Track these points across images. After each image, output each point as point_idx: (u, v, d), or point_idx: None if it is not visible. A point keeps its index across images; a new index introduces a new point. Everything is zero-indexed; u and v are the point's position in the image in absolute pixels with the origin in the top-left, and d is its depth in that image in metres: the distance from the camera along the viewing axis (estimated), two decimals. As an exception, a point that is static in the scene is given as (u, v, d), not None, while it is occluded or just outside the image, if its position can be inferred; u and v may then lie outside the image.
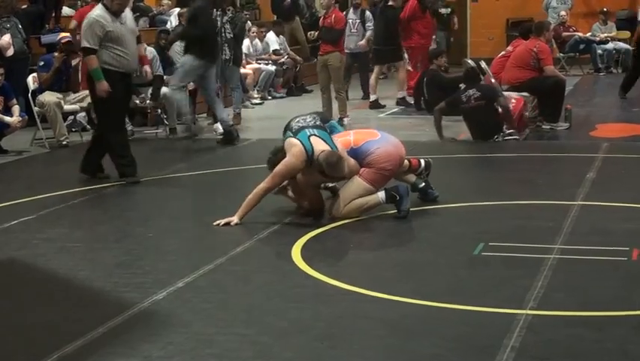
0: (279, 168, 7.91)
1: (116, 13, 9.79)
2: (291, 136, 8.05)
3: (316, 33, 15.44)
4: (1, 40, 13.45)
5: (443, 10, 21.41)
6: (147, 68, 10.70)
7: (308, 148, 7.89)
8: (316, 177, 8.07)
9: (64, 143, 12.47)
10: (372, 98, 16.51)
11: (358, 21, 16.68)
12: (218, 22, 13.98)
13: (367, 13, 17.11)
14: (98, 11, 9.87)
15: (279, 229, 7.82)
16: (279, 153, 8.11)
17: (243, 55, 15.89)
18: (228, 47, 13.98)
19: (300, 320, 5.63)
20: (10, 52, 13.44)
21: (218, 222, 7.89)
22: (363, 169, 8.13)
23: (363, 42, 16.74)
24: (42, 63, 13.00)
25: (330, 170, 7.81)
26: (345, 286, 6.20)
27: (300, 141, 7.91)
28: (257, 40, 18.59)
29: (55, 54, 12.86)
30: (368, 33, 16.71)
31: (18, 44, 13.61)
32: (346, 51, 15.41)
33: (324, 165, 7.78)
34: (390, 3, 16.52)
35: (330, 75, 14.16)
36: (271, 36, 18.95)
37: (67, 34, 13.49)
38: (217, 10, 14.22)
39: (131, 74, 10.14)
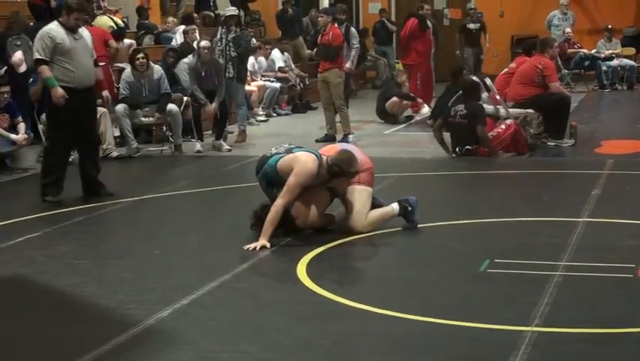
0: (293, 179, 7.78)
1: (71, 29, 9.82)
2: (282, 155, 8.02)
3: (313, 51, 15.52)
4: (13, 57, 13.53)
5: (472, 26, 21.33)
6: (106, 93, 10.52)
7: (315, 154, 7.96)
8: (323, 198, 8.08)
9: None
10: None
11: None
12: (223, 40, 14.05)
13: (352, 29, 16.29)
14: (51, 25, 9.93)
15: (285, 246, 7.81)
16: (265, 208, 7.99)
17: (248, 72, 15.94)
18: (232, 65, 14.06)
19: (305, 337, 5.62)
20: (23, 68, 13.51)
21: (248, 246, 7.68)
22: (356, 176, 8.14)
23: (347, 65, 15.55)
24: (31, 80, 13.03)
25: (347, 165, 7.86)
26: (350, 303, 6.20)
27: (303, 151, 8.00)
28: (262, 57, 18.62)
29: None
30: (352, 53, 15.82)
31: (30, 61, 13.67)
32: None
33: (341, 163, 7.84)
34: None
35: (331, 92, 14.19)
36: (276, 53, 19.00)
37: None
38: (222, 28, 14.29)
39: (88, 90, 10.03)
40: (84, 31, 10.10)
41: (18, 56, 13.54)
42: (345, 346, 5.47)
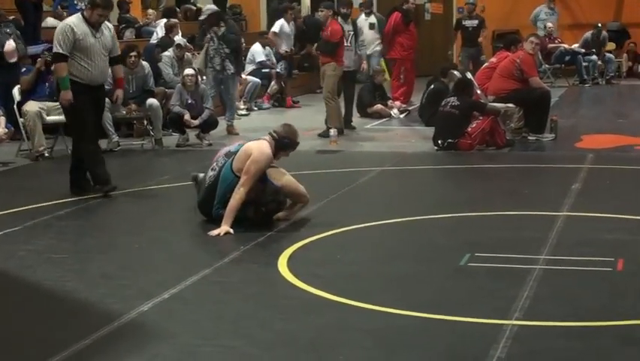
0: (254, 166, 8.04)
1: (93, 26, 9.65)
2: (229, 160, 8.26)
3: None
4: (6, 46, 13.46)
5: (468, 23, 19.77)
6: (119, 92, 10.37)
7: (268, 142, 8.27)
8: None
9: (45, 154, 12.42)
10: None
11: (352, 33, 14.85)
12: (215, 40, 14.12)
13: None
14: (73, 19, 9.81)
15: (265, 240, 7.82)
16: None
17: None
18: (229, 61, 14.22)
19: (286, 331, 5.63)
20: (15, 58, 13.48)
21: (212, 232, 7.93)
22: None
23: (365, 65, 15.76)
24: (24, 69, 13.01)
25: (295, 136, 8.42)
26: (331, 296, 6.21)
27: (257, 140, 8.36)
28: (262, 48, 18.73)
29: (39, 59, 12.89)
30: (364, 51, 15.49)
31: (22, 50, 13.64)
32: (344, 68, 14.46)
33: (290, 135, 8.37)
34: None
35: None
36: (257, 47, 18.96)
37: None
38: (207, 28, 14.40)
39: (100, 87, 9.95)
40: (106, 28, 9.89)
41: (11, 44, 13.48)
42: (326, 340, 5.48)
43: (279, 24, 18.59)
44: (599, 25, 21.99)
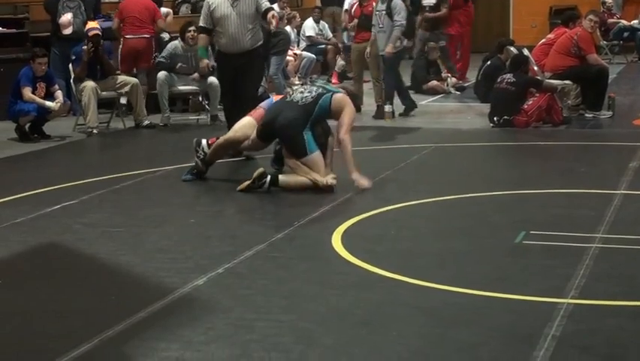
0: (348, 118, 8.82)
1: None
2: (329, 95, 8.88)
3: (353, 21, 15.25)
4: (62, 17, 13.60)
5: (426, 2, 17.08)
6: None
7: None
8: None
9: (94, 131, 12.48)
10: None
11: (384, 13, 13.06)
12: None
13: (395, 1, 12.98)
14: None
15: (319, 215, 7.83)
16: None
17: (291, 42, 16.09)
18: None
19: (339, 306, 5.63)
20: (69, 30, 13.59)
21: (364, 185, 8.59)
22: None
23: (388, 48, 12.93)
24: (74, 57, 12.99)
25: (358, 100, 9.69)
26: (385, 273, 6.20)
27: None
28: (315, 23, 18.66)
29: (84, 47, 12.85)
30: (395, 33, 12.89)
31: (77, 25, 13.74)
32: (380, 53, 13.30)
33: (358, 96, 9.80)
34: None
35: (367, 63, 13.86)
36: (308, 22, 18.91)
37: (96, 24, 13.48)
38: None
39: (240, 56, 10.13)
40: None
41: (67, 17, 13.60)
42: (380, 316, 5.47)
43: (348, 0, 18.30)
44: None
